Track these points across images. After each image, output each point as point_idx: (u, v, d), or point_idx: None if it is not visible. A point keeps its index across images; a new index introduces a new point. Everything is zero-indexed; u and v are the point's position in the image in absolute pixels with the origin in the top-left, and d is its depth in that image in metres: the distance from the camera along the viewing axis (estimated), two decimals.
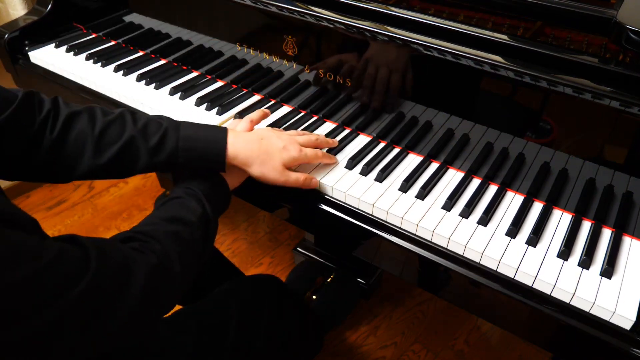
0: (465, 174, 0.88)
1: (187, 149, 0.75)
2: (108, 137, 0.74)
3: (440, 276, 0.79)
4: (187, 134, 0.76)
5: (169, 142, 0.75)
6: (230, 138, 0.77)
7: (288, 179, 0.80)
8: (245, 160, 0.78)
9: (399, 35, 0.84)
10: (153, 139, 0.74)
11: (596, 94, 0.71)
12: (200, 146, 0.76)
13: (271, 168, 0.79)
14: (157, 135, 0.74)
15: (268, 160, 0.79)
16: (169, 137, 0.75)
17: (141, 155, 0.74)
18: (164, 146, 0.75)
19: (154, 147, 0.74)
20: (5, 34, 1.22)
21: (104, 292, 0.54)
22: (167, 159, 0.75)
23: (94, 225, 1.84)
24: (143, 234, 0.65)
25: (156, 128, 0.75)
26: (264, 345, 0.90)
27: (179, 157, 0.75)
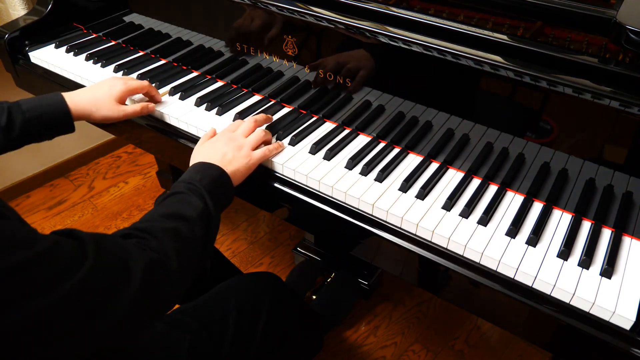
0: (465, 174, 0.88)
1: (34, 117, 0.87)
2: None
3: (440, 276, 0.79)
4: (29, 106, 0.88)
5: (17, 117, 0.86)
6: (67, 96, 0.91)
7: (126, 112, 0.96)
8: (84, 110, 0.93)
9: (399, 35, 0.84)
10: (2, 120, 0.85)
11: (596, 94, 0.71)
12: (45, 111, 0.88)
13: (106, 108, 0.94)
14: (4, 115, 0.85)
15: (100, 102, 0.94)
16: (14, 114, 0.86)
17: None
18: (14, 122, 0.86)
19: (6, 127, 0.85)
20: (5, 34, 1.23)
21: (99, 286, 0.54)
22: (22, 132, 0.87)
23: (94, 225, 1.84)
24: (141, 230, 0.65)
25: (1, 111, 0.86)
26: (262, 344, 0.90)
27: (30, 127, 0.87)
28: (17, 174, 1.92)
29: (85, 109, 0.93)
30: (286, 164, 0.89)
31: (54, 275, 0.49)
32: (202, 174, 0.78)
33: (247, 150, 0.86)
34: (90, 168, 2.10)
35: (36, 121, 0.88)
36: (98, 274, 0.53)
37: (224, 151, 0.84)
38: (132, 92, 0.99)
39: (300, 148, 0.93)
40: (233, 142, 0.86)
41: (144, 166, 2.11)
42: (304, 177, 0.87)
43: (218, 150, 0.84)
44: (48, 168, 2.00)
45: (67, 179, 2.04)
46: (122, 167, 2.11)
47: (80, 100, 0.93)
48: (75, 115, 0.92)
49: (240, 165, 0.83)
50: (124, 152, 2.19)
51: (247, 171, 0.85)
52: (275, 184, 0.89)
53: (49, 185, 2.01)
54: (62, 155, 2.03)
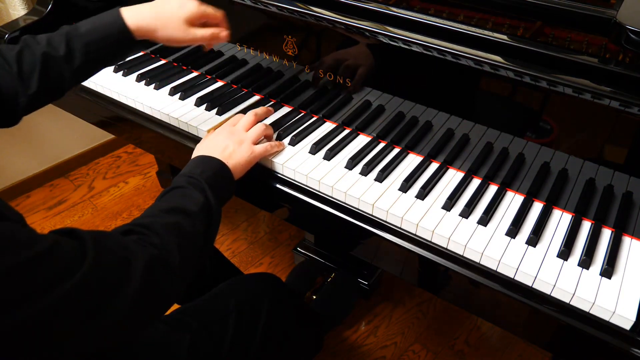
0: (465, 174, 0.88)
1: (93, 42, 0.79)
2: (25, 65, 0.77)
3: (440, 276, 0.79)
4: (86, 29, 0.80)
5: (76, 43, 0.79)
6: (125, 13, 0.81)
7: (195, 36, 0.84)
8: (147, 28, 0.82)
9: (399, 35, 0.84)
10: (61, 48, 0.78)
11: (596, 94, 0.71)
12: (103, 34, 0.80)
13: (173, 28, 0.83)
14: (63, 43, 0.78)
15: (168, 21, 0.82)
16: (73, 39, 0.79)
17: (61, 66, 0.78)
18: (74, 49, 0.79)
19: (66, 55, 0.78)
20: (5, 34, 1.22)
21: (100, 284, 0.53)
22: (84, 60, 0.79)
23: (94, 225, 1.84)
24: (142, 226, 0.65)
25: (59, 38, 0.79)
26: (262, 345, 0.90)
27: (91, 52, 0.79)
28: (17, 174, 1.92)
29: (149, 25, 0.82)
30: (286, 164, 0.89)
31: (54, 275, 0.49)
32: (202, 167, 0.78)
33: (248, 144, 0.86)
34: (90, 168, 2.10)
35: (96, 46, 0.80)
36: (99, 273, 0.53)
37: (225, 144, 0.84)
38: (205, 17, 0.86)
39: (300, 148, 0.93)
40: (234, 135, 0.86)
41: (144, 166, 2.12)
42: (304, 177, 0.87)
43: (219, 143, 0.84)
44: (48, 168, 2.00)
45: (67, 179, 2.04)
46: (122, 167, 2.11)
47: (143, 16, 0.82)
48: (137, 33, 0.82)
49: (241, 159, 0.83)
50: (124, 152, 2.19)
51: (248, 165, 0.85)
52: (275, 184, 0.89)
53: (49, 185, 2.01)
54: (62, 155, 2.03)
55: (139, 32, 0.82)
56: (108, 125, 1.16)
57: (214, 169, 0.78)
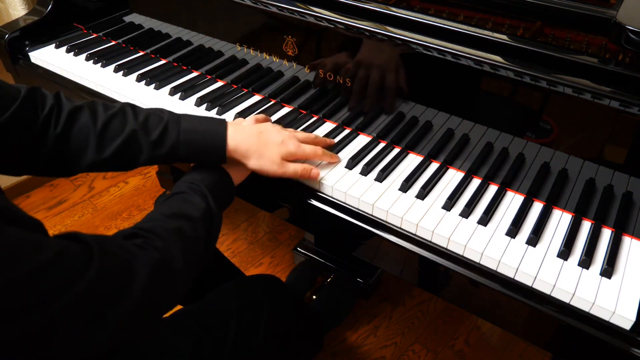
0: (465, 174, 0.88)
1: (187, 142, 0.76)
2: (110, 131, 0.75)
3: (440, 276, 0.79)
4: (187, 127, 0.77)
5: (170, 135, 0.76)
6: (230, 131, 0.78)
7: (286, 171, 0.81)
8: (244, 153, 0.79)
9: (399, 35, 0.84)
10: (154, 133, 0.75)
11: (596, 94, 0.71)
12: (201, 139, 0.77)
13: (269, 160, 0.80)
14: (159, 129, 0.76)
15: (266, 153, 0.80)
16: (169, 130, 0.76)
17: (143, 148, 0.76)
18: (165, 140, 0.76)
19: (156, 141, 0.76)
20: (5, 34, 1.23)
21: (106, 288, 0.54)
22: (169, 152, 0.77)
23: (94, 225, 1.84)
24: (145, 230, 0.65)
25: (157, 122, 0.76)
26: (263, 345, 0.90)
27: (179, 150, 0.77)
28: None
29: (247, 152, 0.79)
30: None
31: (62, 282, 0.50)
32: (204, 173, 0.78)
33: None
34: None
35: (188, 147, 0.77)
36: (104, 277, 0.54)
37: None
38: (302, 157, 0.84)
39: None
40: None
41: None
42: None
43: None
44: None
45: (67, 179, 2.04)
46: None
47: (245, 142, 0.79)
48: (231, 154, 0.79)
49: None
50: None
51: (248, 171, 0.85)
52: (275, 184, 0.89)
53: (49, 185, 2.01)
54: None
55: (234, 154, 0.79)
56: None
57: (214, 175, 0.78)
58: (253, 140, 0.80)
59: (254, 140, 0.80)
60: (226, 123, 0.79)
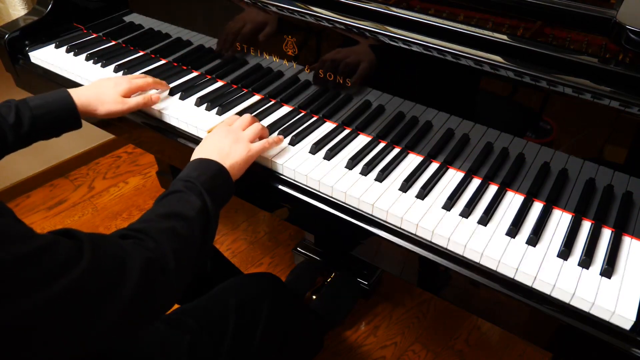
0: (465, 174, 0.88)
1: (42, 115, 0.88)
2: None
3: (440, 276, 0.79)
4: (36, 103, 0.88)
5: (25, 113, 0.87)
6: (72, 92, 0.92)
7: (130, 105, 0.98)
8: (89, 104, 0.94)
9: (399, 35, 0.84)
10: (10, 117, 0.86)
11: (596, 94, 0.71)
12: (52, 107, 0.89)
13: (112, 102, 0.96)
14: (12, 112, 0.86)
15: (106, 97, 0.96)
16: (22, 110, 0.87)
17: (7, 133, 0.86)
18: (22, 119, 0.86)
19: (14, 123, 0.86)
20: (5, 34, 1.23)
21: (95, 286, 0.53)
22: (30, 129, 0.87)
23: (94, 225, 1.84)
24: (138, 231, 0.65)
25: (7, 108, 0.87)
26: (262, 344, 0.90)
27: (38, 124, 0.88)
28: (17, 174, 1.92)
29: (90, 104, 0.94)
30: (286, 164, 0.89)
31: (49, 273, 0.49)
32: (200, 171, 0.77)
33: (245, 142, 0.86)
34: (90, 168, 2.10)
35: (44, 118, 0.88)
36: (94, 274, 0.53)
37: (221, 145, 0.84)
38: (136, 89, 1.01)
39: (300, 148, 0.93)
40: (230, 134, 0.86)
41: (144, 166, 2.12)
42: (304, 177, 0.87)
43: (215, 144, 0.84)
44: (48, 168, 2.00)
45: (67, 179, 2.04)
46: (122, 167, 2.11)
47: (86, 96, 0.94)
48: (81, 111, 0.93)
49: (238, 158, 0.83)
50: (124, 152, 2.19)
51: (246, 164, 0.84)
52: (275, 184, 0.89)
53: (49, 185, 2.01)
54: (62, 155, 2.03)
55: (82, 109, 0.93)
56: (108, 125, 1.17)
57: (211, 171, 0.78)
58: (92, 91, 0.96)
59: (92, 91, 0.96)
60: (65, 89, 0.93)
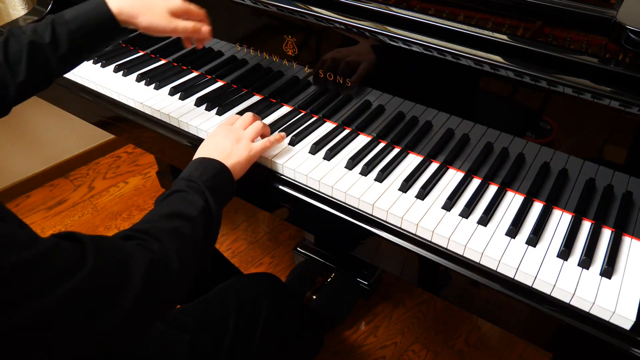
0: (465, 174, 0.88)
1: (78, 28, 0.80)
2: (12, 55, 0.78)
3: (440, 276, 0.79)
4: (71, 15, 0.81)
5: (61, 30, 0.80)
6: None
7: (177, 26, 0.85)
8: (130, 12, 0.82)
9: (399, 35, 0.84)
10: (46, 36, 0.79)
11: (596, 94, 0.71)
12: (88, 18, 0.81)
13: (157, 16, 0.83)
14: (48, 30, 0.79)
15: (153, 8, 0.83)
16: (57, 26, 0.80)
17: (47, 54, 0.80)
18: (59, 36, 0.80)
19: (52, 42, 0.79)
20: None
21: (99, 288, 0.53)
22: (69, 47, 0.80)
23: (94, 225, 1.84)
24: (141, 232, 0.65)
25: (44, 26, 0.80)
26: (262, 344, 0.90)
27: (76, 39, 0.80)
28: (17, 174, 1.92)
29: (132, 9, 0.83)
30: (286, 164, 0.89)
31: (53, 277, 0.49)
32: (202, 170, 0.77)
33: (246, 141, 0.85)
34: (90, 168, 2.10)
35: (81, 32, 0.80)
36: (98, 276, 0.53)
37: (223, 144, 0.84)
38: (188, 12, 0.88)
39: (300, 148, 0.93)
40: (231, 134, 0.86)
41: (144, 166, 2.12)
42: (304, 177, 0.87)
43: (217, 144, 0.84)
44: (48, 168, 2.00)
45: (67, 179, 2.05)
46: (122, 167, 2.11)
47: (126, 1, 0.83)
48: (119, 17, 0.82)
49: (240, 158, 0.83)
50: (124, 152, 2.19)
51: (248, 163, 0.84)
52: (275, 184, 0.89)
53: (49, 185, 2.01)
54: (62, 155, 2.04)
55: (122, 16, 0.82)
56: (108, 125, 1.17)
57: (213, 171, 0.78)
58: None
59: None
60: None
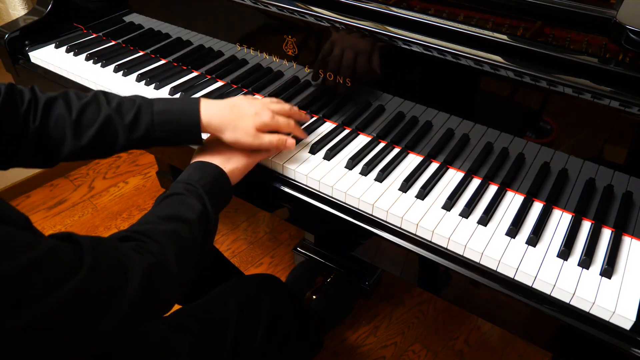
0: (465, 174, 0.88)
1: (162, 122, 0.78)
2: (85, 119, 0.77)
3: (440, 276, 0.79)
4: (160, 108, 0.79)
5: (144, 117, 0.78)
6: (203, 106, 0.80)
7: (262, 142, 0.82)
8: (218, 127, 0.80)
9: (399, 35, 0.84)
10: (128, 116, 0.77)
11: (596, 94, 0.71)
12: (175, 118, 0.79)
13: (244, 132, 0.81)
14: (132, 112, 0.77)
15: (240, 124, 0.80)
16: (143, 112, 0.78)
17: (119, 133, 0.77)
18: (140, 122, 0.78)
19: (130, 124, 0.77)
20: (5, 34, 1.22)
21: (97, 290, 0.53)
22: (145, 134, 0.78)
23: (94, 225, 1.84)
24: (140, 233, 0.65)
25: (130, 105, 0.78)
26: (263, 345, 0.90)
27: (155, 131, 0.78)
28: (17, 174, 1.92)
29: (221, 124, 0.80)
30: (286, 164, 0.89)
31: (51, 279, 0.49)
32: (200, 174, 0.77)
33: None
34: (90, 168, 2.10)
35: (163, 127, 0.78)
36: (96, 278, 0.53)
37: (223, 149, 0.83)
38: (276, 128, 0.84)
39: (301, 148, 0.93)
40: None
41: (144, 166, 2.12)
42: (304, 177, 0.87)
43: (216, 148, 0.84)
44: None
45: (67, 179, 2.04)
46: (122, 167, 2.11)
47: (219, 115, 0.80)
48: (206, 129, 0.80)
49: (238, 164, 0.82)
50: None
51: (245, 170, 0.84)
52: (275, 184, 0.89)
53: (49, 185, 2.01)
54: None
55: (209, 128, 0.80)
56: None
57: (211, 175, 0.78)
58: (226, 112, 0.81)
59: (227, 112, 0.81)
60: (198, 99, 0.80)
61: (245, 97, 0.86)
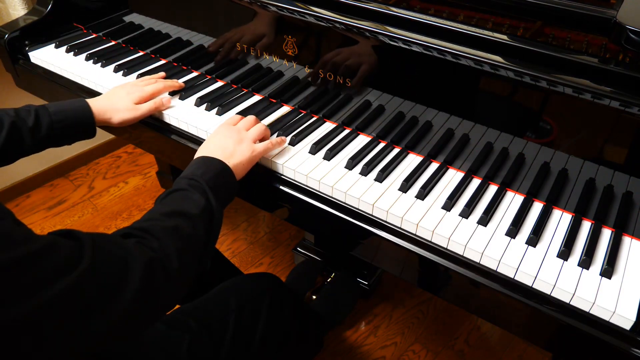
0: (465, 174, 0.88)
1: (60, 120, 0.91)
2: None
3: (440, 276, 0.79)
4: (55, 109, 0.91)
5: (44, 119, 0.89)
6: (90, 100, 0.96)
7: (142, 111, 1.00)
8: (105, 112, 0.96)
9: (399, 35, 0.84)
10: (29, 120, 0.88)
11: (596, 94, 0.71)
12: (70, 114, 0.92)
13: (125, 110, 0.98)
14: (31, 116, 0.88)
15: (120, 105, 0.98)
16: (41, 115, 0.89)
17: (24, 136, 0.88)
18: (41, 123, 0.89)
19: (33, 127, 0.88)
20: (5, 34, 1.22)
21: (97, 286, 0.53)
22: (47, 133, 0.90)
23: (94, 225, 1.84)
24: (141, 230, 0.65)
25: (27, 112, 0.89)
26: (262, 344, 0.90)
27: (55, 129, 0.90)
28: (17, 174, 1.92)
29: (106, 112, 0.96)
30: (286, 164, 0.89)
31: (49, 274, 0.49)
32: (204, 169, 0.77)
33: (249, 142, 0.86)
34: (90, 168, 2.10)
35: (61, 124, 0.91)
36: (95, 275, 0.53)
37: (225, 144, 0.83)
38: (148, 97, 1.02)
39: (300, 148, 0.93)
40: (234, 134, 0.86)
41: (144, 166, 2.12)
42: (304, 177, 0.87)
43: (219, 143, 0.84)
44: (48, 168, 2.00)
45: (67, 179, 2.04)
46: (122, 167, 2.11)
47: (102, 104, 0.96)
48: (97, 120, 0.95)
49: (242, 158, 0.83)
50: (124, 152, 2.19)
51: (250, 164, 0.84)
52: (275, 184, 0.89)
53: (49, 185, 2.01)
54: (62, 155, 2.03)
55: (99, 118, 0.96)
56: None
57: (215, 170, 0.78)
58: (107, 100, 0.98)
59: (107, 100, 0.98)
60: (85, 98, 0.96)
61: (121, 85, 1.04)
